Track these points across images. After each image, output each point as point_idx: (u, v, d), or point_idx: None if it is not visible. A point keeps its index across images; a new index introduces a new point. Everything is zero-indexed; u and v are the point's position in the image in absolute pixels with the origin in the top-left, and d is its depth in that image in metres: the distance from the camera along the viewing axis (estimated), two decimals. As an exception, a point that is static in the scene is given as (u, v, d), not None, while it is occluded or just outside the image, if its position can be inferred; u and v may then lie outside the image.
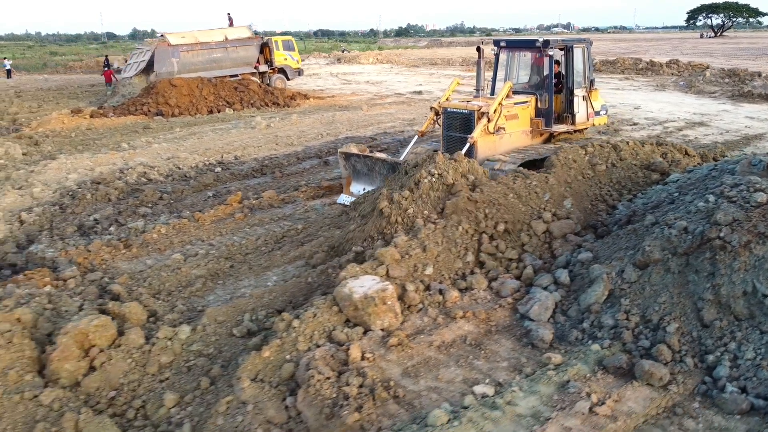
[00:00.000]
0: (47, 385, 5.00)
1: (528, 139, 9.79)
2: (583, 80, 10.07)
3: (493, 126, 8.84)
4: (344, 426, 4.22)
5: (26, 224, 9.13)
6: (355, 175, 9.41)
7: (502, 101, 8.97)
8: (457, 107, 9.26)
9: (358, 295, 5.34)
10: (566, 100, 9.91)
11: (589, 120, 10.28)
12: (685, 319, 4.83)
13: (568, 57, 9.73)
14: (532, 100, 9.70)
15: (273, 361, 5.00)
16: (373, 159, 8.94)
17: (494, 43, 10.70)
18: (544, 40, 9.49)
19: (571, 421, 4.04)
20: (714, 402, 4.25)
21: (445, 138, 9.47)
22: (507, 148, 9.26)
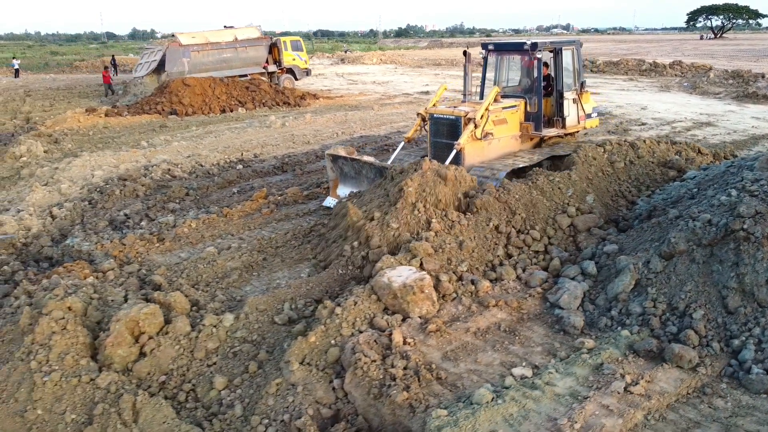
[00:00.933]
0: (101, 369, 5.26)
1: (518, 144, 9.62)
2: (574, 83, 9.93)
3: (480, 132, 8.67)
4: (394, 404, 4.49)
5: (58, 219, 9.40)
6: (343, 177, 9.24)
7: (489, 106, 8.81)
8: (443, 113, 9.05)
9: (397, 285, 5.61)
10: (556, 103, 9.75)
11: (580, 123, 10.11)
12: (711, 307, 5.10)
13: (557, 59, 9.54)
14: (522, 104, 9.54)
15: (319, 346, 5.27)
16: (361, 162, 8.76)
17: (482, 46, 10.50)
18: (532, 43, 9.33)
19: (608, 400, 4.31)
20: (741, 383, 4.53)
21: (432, 144, 9.28)
22: (496, 154, 9.14)
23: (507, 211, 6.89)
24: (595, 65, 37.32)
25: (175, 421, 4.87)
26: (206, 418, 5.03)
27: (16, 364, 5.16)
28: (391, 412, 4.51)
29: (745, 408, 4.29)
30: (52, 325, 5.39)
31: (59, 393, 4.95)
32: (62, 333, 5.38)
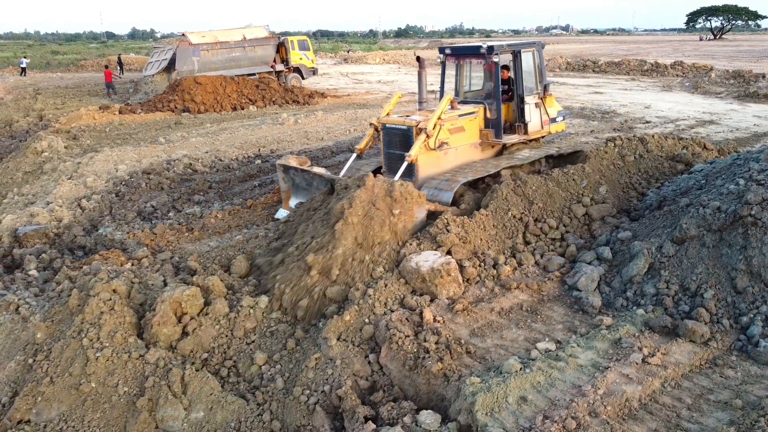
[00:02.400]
0: (148, 346, 5.62)
1: (478, 153, 9.16)
2: (535, 86, 9.45)
3: (434, 142, 8.20)
4: (429, 374, 4.86)
5: (87, 210, 9.76)
6: (295, 189, 8.80)
7: (443, 114, 8.32)
8: (395, 123, 8.52)
9: (425, 269, 5.97)
10: (517, 108, 9.28)
11: (543, 128, 9.61)
12: (720, 287, 5.47)
13: (517, 62, 9.08)
14: (480, 110, 9.05)
15: (353, 324, 5.63)
16: (311, 174, 8.35)
17: (439, 50, 10.01)
18: (489, 46, 8.86)
19: (628, 370, 4.68)
20: (749, 355, 4.90)
21: (385, 156, 8.76)
22: (454, 164, 8.69)
23: (525, 201, 7.26)
24: (597, 65, 37.72)
25: (222, 393, 5.24)
26: (249, 391, 5.40)
27: (69, 342, 5.52)
28: (426, 382, 4.88)
29: (754, 377, 4.66)
30: (101, 306, 5.74)
31: (111, 368, 5.31)
32: (110, 313, 5.73)
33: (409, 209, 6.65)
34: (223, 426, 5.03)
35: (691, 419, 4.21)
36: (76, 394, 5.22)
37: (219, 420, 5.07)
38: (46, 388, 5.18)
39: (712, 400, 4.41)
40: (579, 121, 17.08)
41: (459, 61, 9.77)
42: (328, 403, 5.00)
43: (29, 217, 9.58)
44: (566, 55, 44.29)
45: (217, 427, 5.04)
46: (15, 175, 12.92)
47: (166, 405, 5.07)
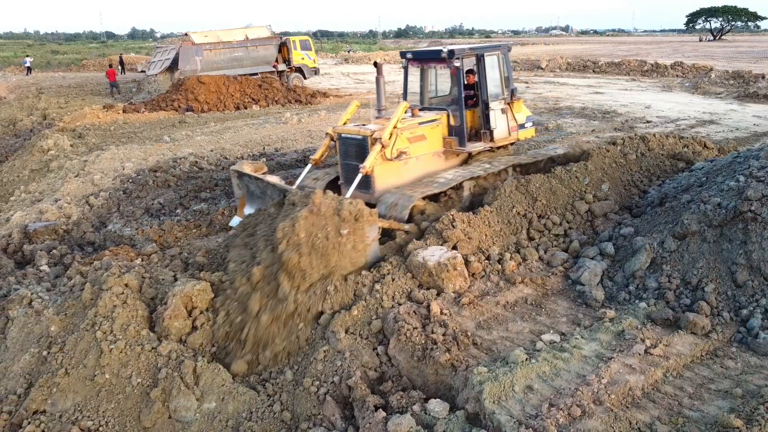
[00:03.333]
0: (160, 339, 5.73)
1: (441, 162, 8.74)
2: (501, 91, 9.03)
3: (390, 152, 7.76)
4: (437, 365, 4.98)
5: (95, 207, 9.88)
6: (249, 196, 8.41)
7: (399, 123, 7.87)
8: (350, 132, 8.13)
9: (431, 263, 6.09)
10: (482, 114, 8.86)
11: (511, 135, 9.22)
12: (721, 281, 5.60)
13: (481, 66, 8.69)
14: (444, 117, 8.63)
15: (361, 318, 5.75)
16: (264, 183, 7.95)
17: (400, 54, 9.64)
18: (449, 50, 8.43)
19: (631, 360, 4.80)
20: (749, 347, 5.02)
21: (342, 167, 8.35)
22: (415, 175, 8.27)
23: (528, 198, 7.39)
24: (597, 66, 37.88)
25: (233, 384, 5.36)
26: (259, 383, 5.52)
27: (83, 335, 5.64)
28: (434, 372, 5.01)
29: (754, 367, 4.78)
30: (114, 300, 5.86)
31: (125, 359, 5.42)
32: (123, 306, 5.85)
33: (359, 229, 6.10)
34: (235, 416, 5.15)
35: (692, 407, 4.33)
36: (90, 385, 5.33)
37: (231, 410, 5.18)
38: (61, 380, 5.29)
39: (713, 389, 4.53)
40: (580, 121, 17.22)
41: (422, 66, 9.39)
42: (338, 393, 5.12)
43: (38, 213, 9.71)
44: (566, 56, 44.43)
45: (229, 417, 5.15)
46: (22, 173, 13.05)
47: (179, 396, 5.18)
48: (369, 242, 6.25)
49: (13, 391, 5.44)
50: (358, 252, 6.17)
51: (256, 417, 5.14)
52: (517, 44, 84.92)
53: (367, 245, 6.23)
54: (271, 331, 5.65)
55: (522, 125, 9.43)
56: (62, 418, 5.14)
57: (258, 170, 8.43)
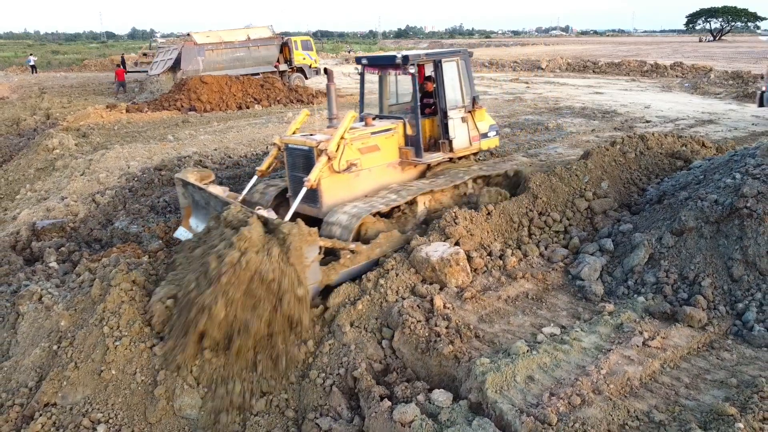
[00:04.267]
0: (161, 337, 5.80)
1: (398, 174, 8.26)
2: (461, 99, 8.60)
3: (338, 164, 7.29)
4: (440, 356, 5.12)
5: (101, 205, 10.01)
6: (195, 206, 7.94)
7: (346, 133, 7.36)
8: (296, 143, 7.60)
9: (435, 259, 6.23)
10: (441, 123, 8.47)
11: (472, 144, 8.79)
12: (717, 276, 5.74)
13: (438, 73, 8.27)
14: (399, 127, 8.18)
15: (366, 312, 5.89)
16: (208, 194, 7.47)
17: (356, 60, 9.27)
18: (403, 56, 8.11)
19: (629, 352, 4.93)
20: (744, 339, 5.16)
21: (290, 179, 7.81)
22: (368, 188, 7.82)
23: (529, 195, 7.52)
24: (597, 66, 38.03)
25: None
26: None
27: (91, 330, 5.76)
28: (437, 364, 5.14)
29: (749, 359, 4.92)
30: (122, 296, 5.98)
31: (129, 356, 5.52)
32: (130, 303, 5.96)
33: (297, 250, 5.62)
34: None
35: (688, 396, 4.46)
36: (98, 379, 5.42)
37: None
38: (71, 373, 5.40)
39: (709, 380, 4.66)
40: (580, 121, 17.35)
41: (380, 73, 8.93)
42: (344, 384, 5.25)
43: (45, 211, 9.84)
44: (566, 56, 44.58)
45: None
46: (27, 172, 13.18)
47: (182, 394, 5.26)
48: (308, 263, 5.78)
49: (25, 384, 5.56)
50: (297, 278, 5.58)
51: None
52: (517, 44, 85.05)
53: (305, 267, 5.74)
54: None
55: (485, 134, 9.02)
56: (73, 411, 5.24)
57: (204, 179, 7.98)
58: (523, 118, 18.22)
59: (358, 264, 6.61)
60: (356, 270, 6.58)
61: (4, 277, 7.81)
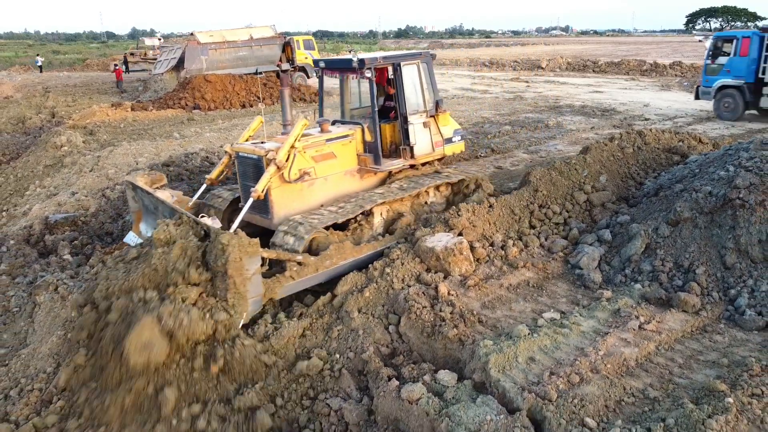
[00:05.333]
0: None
1: (356, 182, 7.93)
2: (423, 104, 8.29)
3: (289, 173, 6.96)
4: (446, 339, 5.35)
5: (111, 200, 10.24)
6: (145, 210, 7.68)
7: (297, 142, 7.02)
8: (245, 151, 7.29)
9: (439, 248, 6.46)
10: (401, 129, 8.16)
11: (435, 150, 8.45)
12: (711, 264, 5.97)
13: (398, 77, 7.96)
14: (358, 133, 7.87)
15: (373, 300, 6.12)
16: (156, 199, 7.20)
17: (314, 62, 9.02)
18: (360, 59, 7.79)
19: (626, 335, 5.16)
20: (736, 323, 5.40)
21: (242, 187, 7.53)
22: (324, 197, 7.51)
23: (530, 189, 7.75)
24: (597, 66, 38.28)
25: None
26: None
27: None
28: (442, 347, 5.37)
29: (740, 341, 5.15)
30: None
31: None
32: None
33: (236, 261, 5.38)
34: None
35: (682, 375, 4.69)
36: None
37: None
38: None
39: (702, 360, 4.90)
40: (580, 119, 17.59)
41: (340, 76, 8.69)
42: (352, 367, 5.48)
43: (57, 206, 10.07)
44: (566, 56, 44.82)
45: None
46: (36, 169, 13.42)
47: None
48: (248, 276, 5.52)
49: (43, 370, 5.78)
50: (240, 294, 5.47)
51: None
52: (517, 44, 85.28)
53: (246, 279, 5.49)
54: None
55: (449, 140, 8.67)
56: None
57: (156, 182, 7.78)
58: (523, 116, 18.45)
59: (306, 276, 6.33)
60: (304, 283, 6.35)
61: (19, 269, 8.04)
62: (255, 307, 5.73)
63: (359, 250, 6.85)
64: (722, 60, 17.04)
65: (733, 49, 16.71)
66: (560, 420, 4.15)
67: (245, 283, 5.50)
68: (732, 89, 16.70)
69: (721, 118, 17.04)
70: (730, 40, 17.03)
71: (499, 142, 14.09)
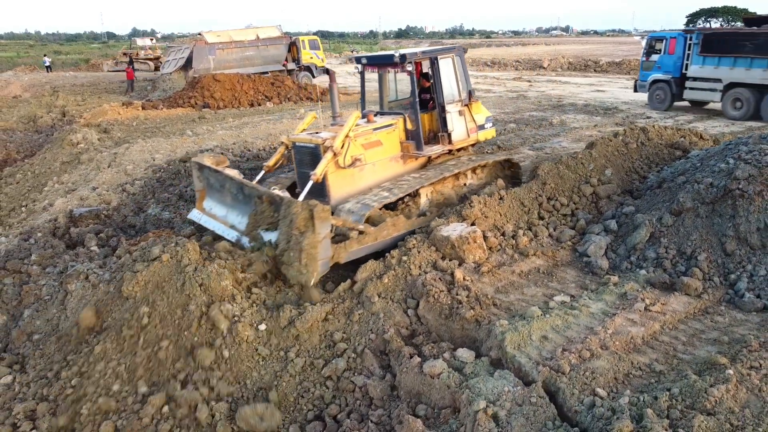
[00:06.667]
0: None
1: (400, 166, 8.67)
2: (458, 93, 9.03)
3: (343, 159, 7.68)
4: (463, 320, 5.69)
5: (132, 195, 10.59)
6: (209, 189, 8.24)
7: (350, 132, 7.74)
8: (303, 141, 7.99)
9: (454, 236, 6.80)
10: (439, 117, 8.87)
11: (470, 136, 9.24)
12: (712, 251, 6.32)
13: (435, 70, 8.66)
14: (400, 122, 8.58)
15: (391, 285, 6.45)
16: (223, 176, 7.74)
17: (355, 59, 9.65)
18: (401, 54, 8.43)
19: (632, 316, 5.51)
20: (736, 305, 5.74)
21: (298, 175, 8.28)
22: (373, 180, 8.19)
23: (539, 182, 8.10)
24: (598, 65, 38.62)
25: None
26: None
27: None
28: (460, 328, 5.71)
29: (740, 321, 5.50)
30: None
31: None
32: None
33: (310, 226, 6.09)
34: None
35: (685, 352, 5.04)
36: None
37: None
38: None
39: (704, 338, 5.24)
40: (582, 117, 17.93)
41: (380, 71, 9.31)
42: (374, 347, 5.82)
43: (80, 200, 10.42)
44: (568, 56, 45.15)
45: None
46: (53, 165, 13.75)
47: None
48: (320, 239, 6.16)
49: (79, 353, 6.10)
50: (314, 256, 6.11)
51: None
52: (517, 44, 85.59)
53: (318, 241, 6.12)
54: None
55: (481, 126, 9.44)
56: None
57: (220, 164, 8.37)
58: (527, 114, 18.79)
59: (366, 244, 7.07)
60: (364, 250, 7.06)
61: (49, 260, 8.38)
62: (324, 268, 6.38)
63: (410, 223, 7.57)
64: (655, 57, 19.64)
65: (663, 48, 19.28)
66: (573, 390, 4.49)
67: (317, 246, 6.13)
68: (662, 83, 19.21)
69: (653, 109, 19.51)
70: (661, 40, 19.53)
71: (505, 140, 14.43)
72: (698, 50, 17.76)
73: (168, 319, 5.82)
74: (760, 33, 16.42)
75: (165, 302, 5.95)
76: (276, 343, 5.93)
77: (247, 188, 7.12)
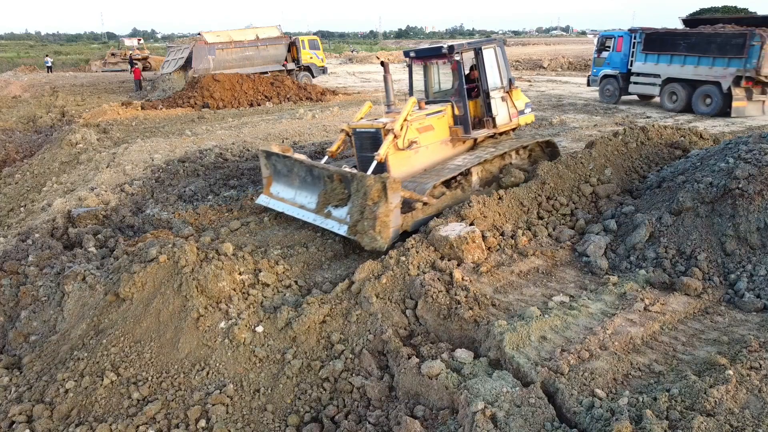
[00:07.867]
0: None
1: (449, 149, 9.47)
2: (500, 81, 9.82)
3: (402, 141, 8.43)
4: (461, 320, 5.66)
5: (131, 195, 10.56)
6: (276, 175, 8.96)
7: (408, 116, 8.52)
8: (364, 126, 8.76)
9: (453, 236, 6.77)
10: (484, 103, 9.67)
11: (512, 120, 10.06)
12: (712, 250, 6.28)
13: (479, 59, 9.46)
14: (448, 108, 9.38)
15: (390, 286, 6.42)
16: (292, 160, 8.49)
17: (404, 53, 10.34)
18: (449, 46, 9.21)
19: (632, 316, 5.47)
20: (736, 305, 5.71)
21: (359, 159, 9.02)
22: (427, 162, 9.01)
23: (538, 181, 8.07)
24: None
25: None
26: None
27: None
28: (458, 328, 5.68)
29: (740, 321, 5.46)
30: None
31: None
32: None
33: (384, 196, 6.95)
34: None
35: (685, 352, 5.01)
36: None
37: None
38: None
39: (703, 338, 5.21)
40: (583, 116, 17.90)
41: (425, 63, 10.06)
42: (372, 348, 5.79)
43: (78, 200, 10.39)
44: (568, 56, 45.10)
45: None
46: (52, 165, 13.73)
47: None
48: (392, 208, 7.01)
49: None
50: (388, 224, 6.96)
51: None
52: (518, 44, 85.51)
53: (390, 210, 6.98)
54: None
55: (522, 111, 10.24)
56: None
57: (285, 152, 9.03)
58: (527, 114, 18.73)
59: (428, 215, 7.87)
60: (426, 219, 7.75)
61: (46, 260, 8.35)
62: (395, 234, 7.21)
63: (465, 197, 8.27)
64: (605, 54, 21.03)
65: (612, 46, 20.67)
66: (572, 391, 4.45)
67: (389, 214, 6.98)
68: (611, 78, 20.93)
69: (603, 102, 21.28)
70: (611, 38, 20.87)
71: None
72: (641, 48, 19.32)
73: (165, 320, 5.80)
74: (693, 33, 18.07)
75: (162, 303, 5.93)
76: (273, 344, 5.91)
77: (317, 169, 7.97)
